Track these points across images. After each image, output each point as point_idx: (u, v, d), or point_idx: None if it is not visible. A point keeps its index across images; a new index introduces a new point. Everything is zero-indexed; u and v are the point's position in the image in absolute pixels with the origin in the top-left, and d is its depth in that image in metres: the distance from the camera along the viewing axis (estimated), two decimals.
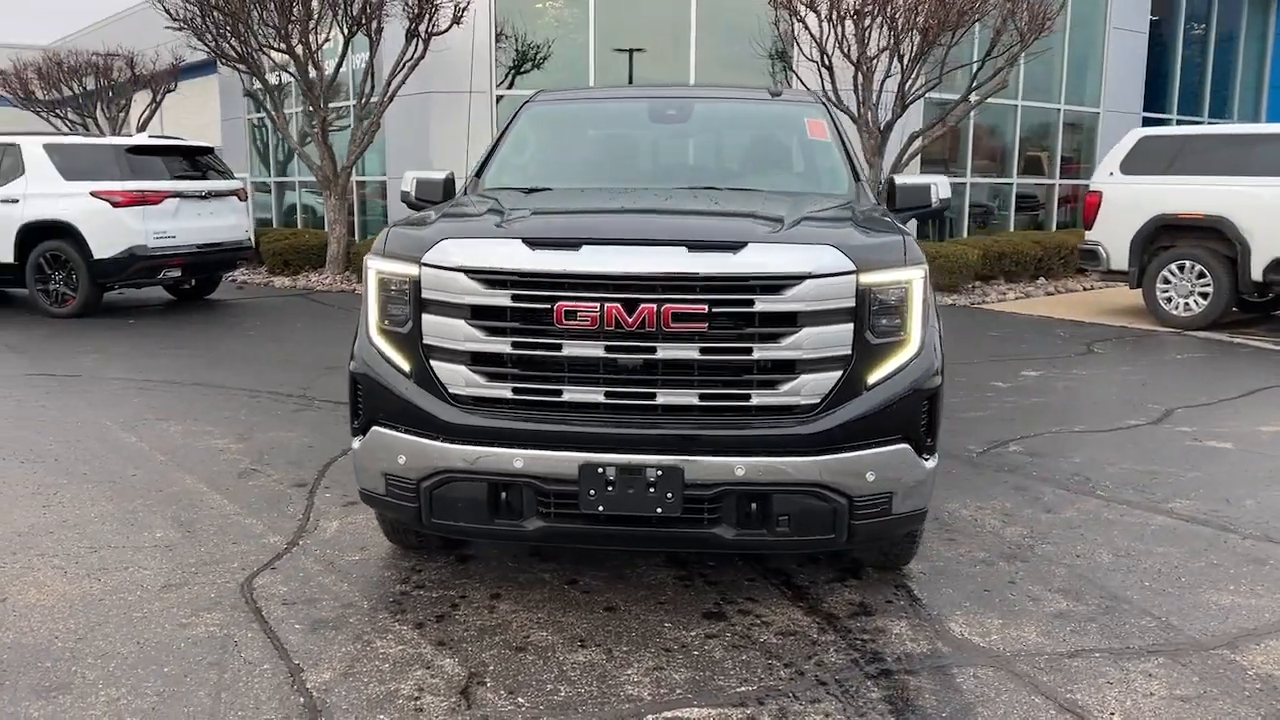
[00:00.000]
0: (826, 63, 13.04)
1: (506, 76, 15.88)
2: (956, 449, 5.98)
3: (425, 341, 3.50)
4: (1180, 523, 4.76)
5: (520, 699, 3.14)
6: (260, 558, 4.22)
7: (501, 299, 3.38)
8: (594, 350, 3.36)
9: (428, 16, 12.92)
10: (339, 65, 14.30)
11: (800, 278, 3.32)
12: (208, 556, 4.24)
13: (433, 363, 3.50)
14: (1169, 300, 10.79)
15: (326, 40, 14.21)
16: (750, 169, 4.91)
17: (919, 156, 14.17)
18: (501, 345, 3.41)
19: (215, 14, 13.18)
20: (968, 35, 12.78)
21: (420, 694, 3.16)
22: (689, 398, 3.39)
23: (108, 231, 10.69)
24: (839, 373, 3.40)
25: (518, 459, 3.39)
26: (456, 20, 12.90)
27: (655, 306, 3.29)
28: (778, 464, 3.35)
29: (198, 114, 24.30)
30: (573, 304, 3.32)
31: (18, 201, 10.97)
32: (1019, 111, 17.17)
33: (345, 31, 13.33)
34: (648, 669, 3.33)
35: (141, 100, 22.09)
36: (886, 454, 3.46)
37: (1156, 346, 9.72)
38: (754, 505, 3.39)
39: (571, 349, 3.37)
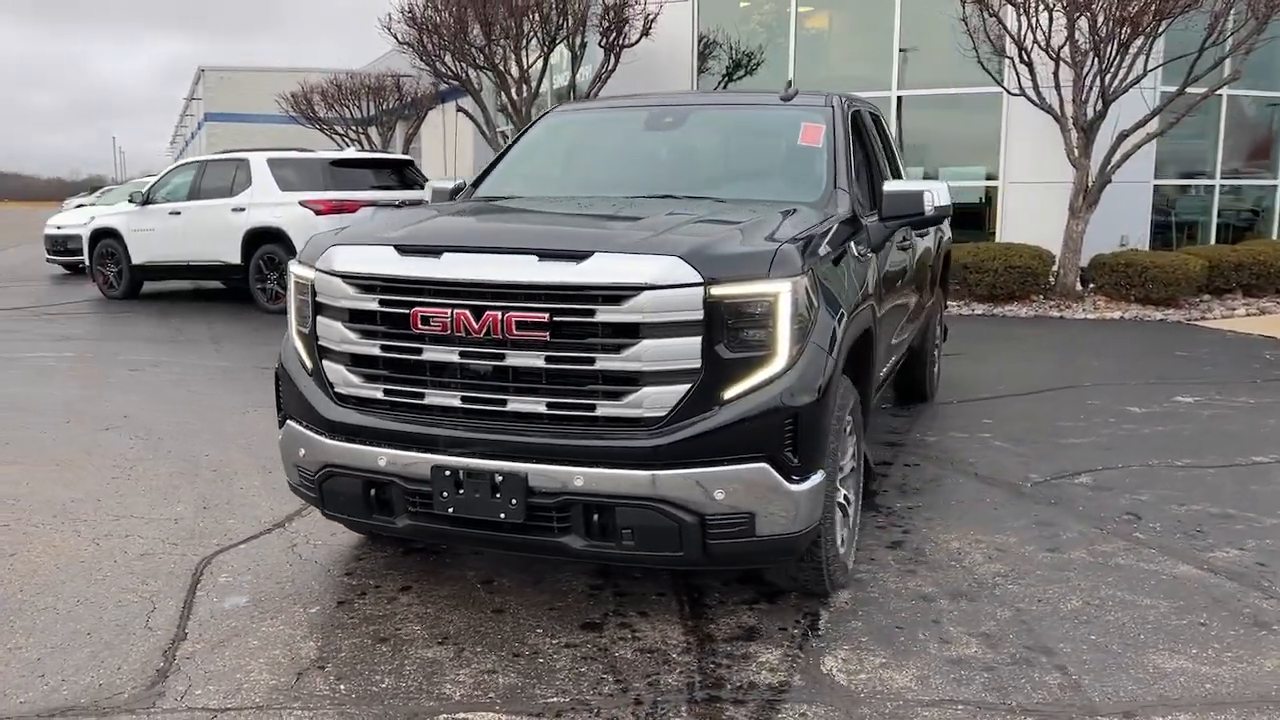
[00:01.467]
0: (1025, 58, 12.21)
1: (712, 82, 16.01)
2: (1015, 476, 5.53)
3: (320, 342, 3.73)
4: (1205, 575, 4.18)
5: (342, 686, 3.29)
6: (237, 537, 4.61)
7: (371, 303, 3.55)
8: (450, 355, 3.46)
9: (618, 30, 13.28)
10: (540, 80, 14.99)
11: (639, 288, 3.26)
12: (200, 532, 4.68)
13: (324, 362, 3.72)
14: None
15: (537, 58, 14.93)
16: (724, 177, 4.79)
17: (1148, 156, 12.97)
18: (373, 348, 3.58)
19: (433, 36, 14.18)
20: (1185, 21, 11.52)
21: (260, 672, 3.38)
22: (537, 405, 3.41)
23: (309, 236, 11.80)
24: (686, 386, 3.30)
25: (382, 458, 3.55)
26: (645, 32, 13.17)
27: (500, 314, 3.34)
28: (616, 476, 3.31)
29: (462, 133, 26.19)
30: (428, 309, 3.43)
31: (244, 210, 12.37)
32: None
33: (545, 47, 13.94)
34: (480, 671, 3.38)
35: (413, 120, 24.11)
36: (740, 472, 3.32)
37: None
38: (596, 517, 3.36)
39: (430, 353, 3.48)
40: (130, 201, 14.07)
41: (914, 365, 7.06)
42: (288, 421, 3.88)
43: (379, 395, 3.60)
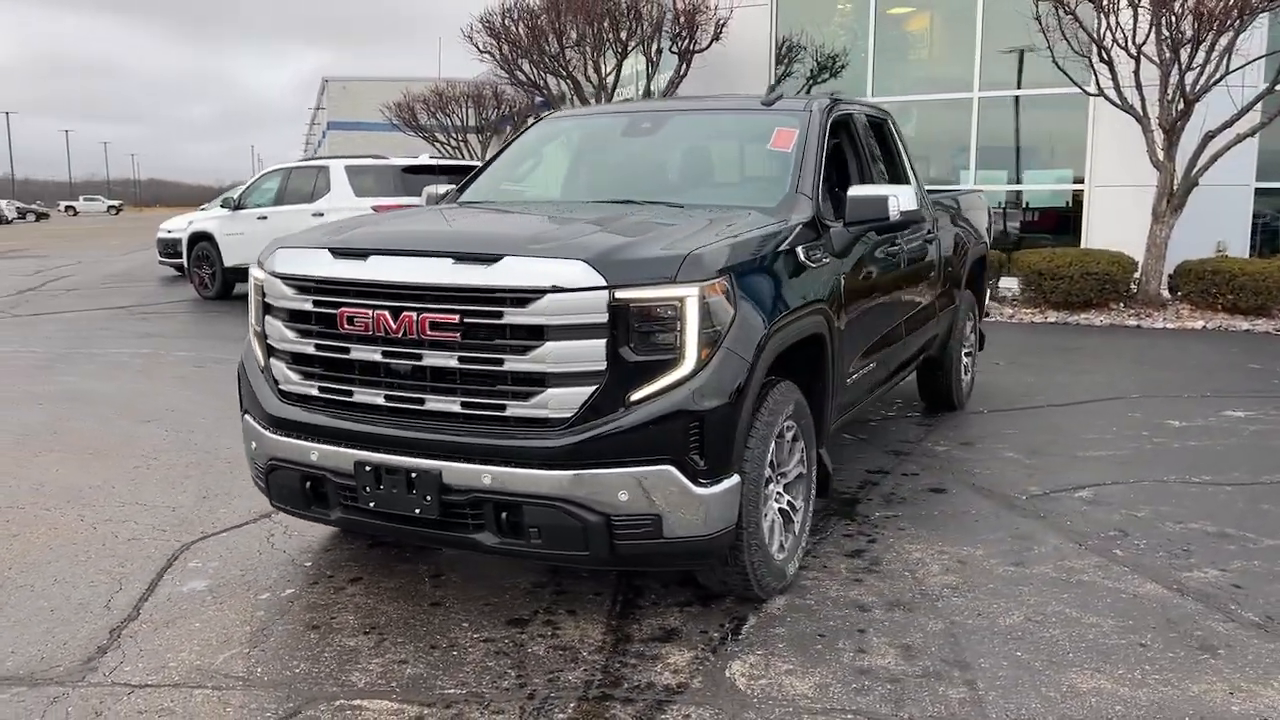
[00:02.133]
0: (1105, 56, 11.79)
1: (794, 85, 15.91)
2: (1012, 488, 5.39)
3: (268, 341, 3.91)
4: (1170, 595, 4.01)
5: (259, 669, 3.44)
6: (222, 526, 4.84)
7: (306, 303, 3.71)
8: (373, 355, 3.58)
9: (689, 35, 13.33)
10: (614, 86, 15.15)
11: (544, 291, 3.32)
12: (191, 520, 4.93)
13: (271, 360, 3.90)
14: None
15: (615, 67, 15.10)
16: (690, 182, 4.81)
17: (1248, 158, 12.34)
18: (308, 346, 3.74)
19: (510, 46, 14.49)
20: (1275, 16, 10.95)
21: (189, 653, 3.56)
22: (453, 405, 3.50)
23: None
24: (592, 388, 3.35)
25: (314, 452, 3.70)
26: (715, 37, 13.19)
27: (415, 315, 3.45)
28: (521, 475, 3.38)
29: None
30: (352, 309, 3.57)
31: (323, 214, 12.83)
32: None
33: (619, 55, 14.09)
34: (392, 661, 3.49)
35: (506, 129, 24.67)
36: (644, 474, 3.36)
37: None
38: (505, 515, 3.44)
39: (357, 352, 3.62)
40: (223, 206, 14.77)
41: (936, 373, 6.92)
42: (245, 416, 4.07)
43: (315, 392, 3.76)
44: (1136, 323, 11.67)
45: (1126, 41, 11.52)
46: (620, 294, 3.32)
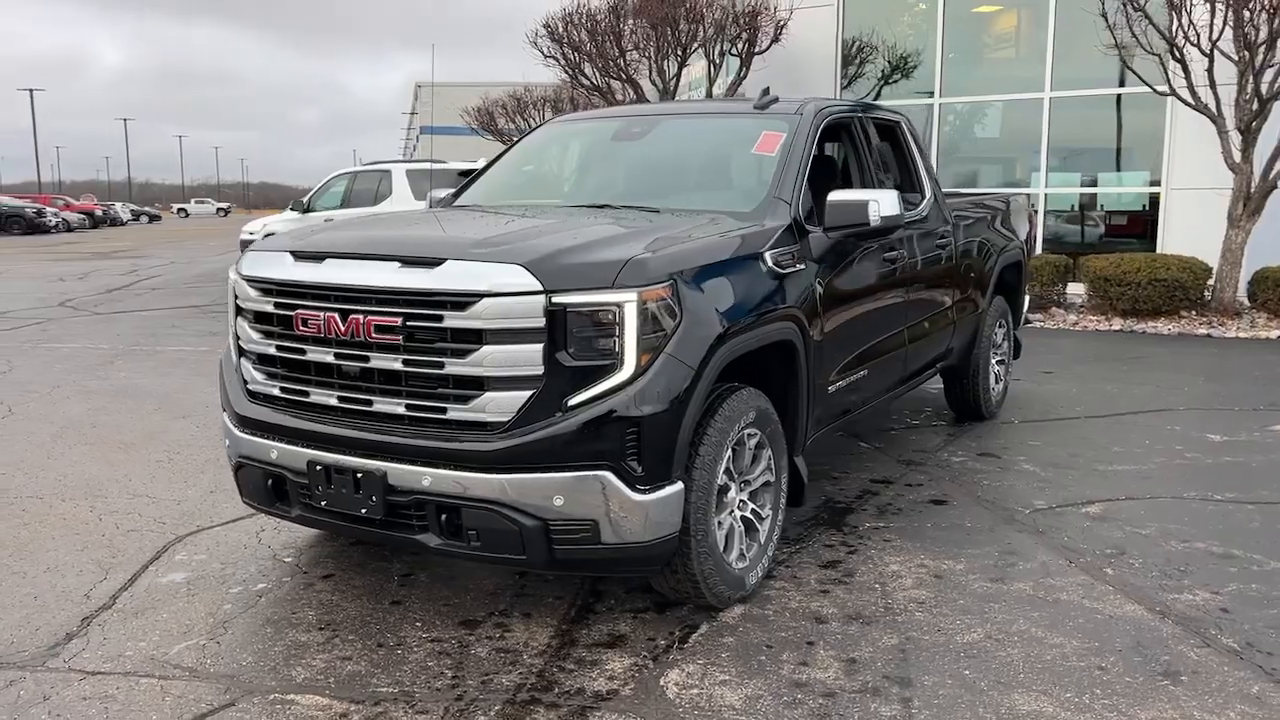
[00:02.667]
0: (1178, 54, 11.34)
1: (857, 88, 15.70)
2: (1018, 502, 5.24)
3: (239, 341, 4.02)
4: (1150, 617, 3.85)
5: (207, 660, 3.54)
6: (218, 520, 4.98)
7: (269, 305, 3.80)
8: (326, 356, 3.66)
9: (750, 37, 13.25)
10: (675, 89, 15.13)
11: (481, 295, 3.35)
12: (192, 514, 5.09)
13: (241, 360, 4.01)
14: None
15: (678, 71, 15.08)
16: (671, 186, 4.77)
17: None
18: (270, 347, 3.83)
19: (573, 52, 14.60)
20: None
21: (147, 642, 3.67)
22: (398, 407, 3.55)
23: None
24: (529, 392, 3.36)
25: (274, 450, 3.80)
26: (775, 38, 13.09)
27: (362, 317, 3.51)
28: (459, 478, 3.41)
29: None
30: (307, 312, 3.65)
31: None
32: None
33: (680, 59, 14.09)
34: (336, 658, 3.55)
35: None
36: (580, 479, 3.36)
37: None
38: (444, 517, 3.48)
39: (312, 354, 3.69)
40: (292, 210, 15.21)
41: (962, 382, 6.75)
42: (223, 414, 4.19)
43: (277, 392, 3.85)
44: (1207, 332, 11.19)
45: (1199, 39, 11.06)
46: (557, 299, 3.32)
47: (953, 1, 14.95)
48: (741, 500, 3.99)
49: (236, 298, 3.99)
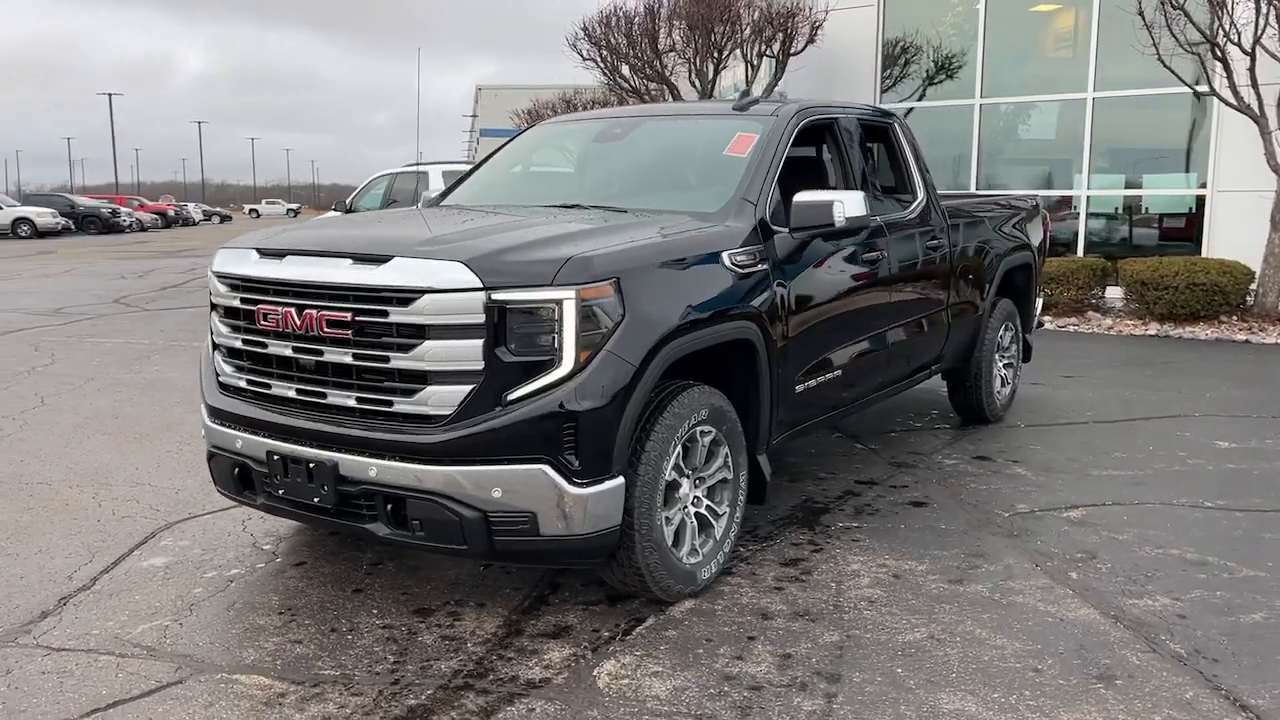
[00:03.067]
0: (1219, 53, 11.09)
1: (898, 88, 15.59)
2: (1000, 506, 5.21)
3: (212, 335, 4.17)
4: (1102, 622, 3.82)
5: (166, 641, 3.69)
6: (210, 509, 5.16)
7: (235, 300, 3.95)
8: (285, 350, 3.79)
9: (785, 39, 13.24)
10: (711, 91, 15.16)
11: (423, 291, 3.45)
12: (186, 502, 5.28)
13: (215, 353, 4.17)
14: None
15: (715, 74, 15.12)
16: (643, 187, 4.83)
17: None
18: (237, 341, 3.98)
19: (610, 54, 14.71)
20: None
21: (115, 622, 3.84)
22: (349, 399, 3.67)
23: None
24: (470, 387, 3.46)
25: (239, 440, 3.94)
26: (810, 39, 13.06)
27: (315, 312, 3.64)
28: (403, 469, 3.52)
29: None
30: (267, 307, 3.79)
31: None
32: None
33: (716, 61, 14.12)
34: (287, 641, 3.68)
35: None
36: (518, 472, 3.45)
37: None
38: (390, 507, 3.59)
39: (273, 348, 3.83)
40: (335, 209, 15.53)
41: (964, 385, 6.71)
42: (202, 405, 4.36)
43: (244, 384, 4.00)
44: (1245, 337, 10.92)
45: (1240, 37, 10.80)
46: (497, 295, 3.41)
47: (996, 1, 14.77)
48: (696, 496, 4.04)
49: (210, 293, 4.14)
